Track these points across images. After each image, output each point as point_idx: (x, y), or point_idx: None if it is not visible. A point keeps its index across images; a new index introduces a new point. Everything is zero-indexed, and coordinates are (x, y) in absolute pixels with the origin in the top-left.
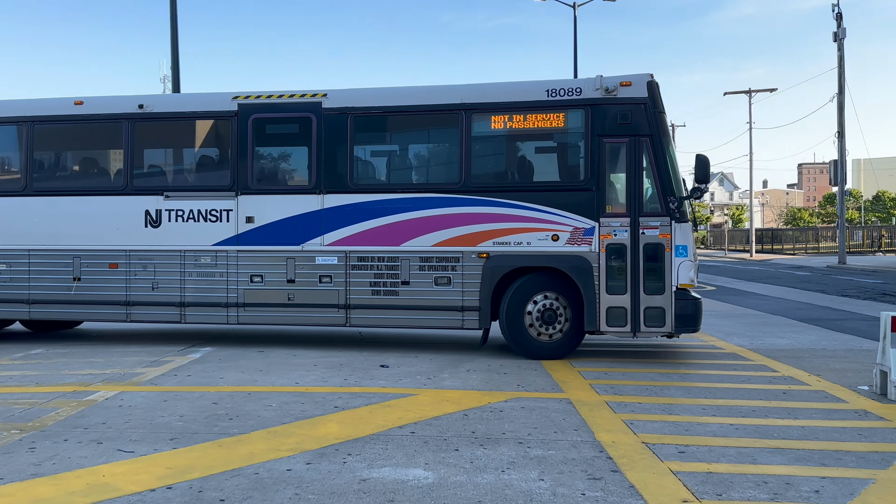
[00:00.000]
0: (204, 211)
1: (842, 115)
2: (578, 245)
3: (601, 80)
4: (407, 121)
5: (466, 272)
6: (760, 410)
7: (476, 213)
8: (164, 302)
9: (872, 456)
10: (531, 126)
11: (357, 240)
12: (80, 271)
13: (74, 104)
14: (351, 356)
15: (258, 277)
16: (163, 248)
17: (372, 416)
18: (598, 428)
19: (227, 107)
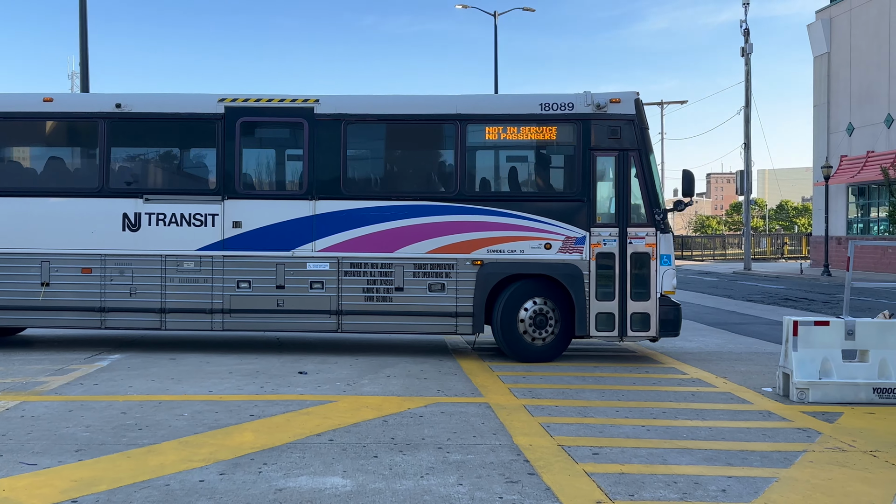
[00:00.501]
0: (188, 215)
1: (748, 127)
2: (570, 253)
3: (591, 96)
4: (402, 129)
5: (461, 279)
6: (670, 412)
7: (470, 222)
8: (142, 308)
9: (775, 455)
10: (525, 138)
11: (350, 246)
12: (48, 276)
13: (43, 101)
14: (268, 363)
15: (245, 283)
16: (142, 253)
17: (289, 424)
18: (515, 431)
19: (213, 109)
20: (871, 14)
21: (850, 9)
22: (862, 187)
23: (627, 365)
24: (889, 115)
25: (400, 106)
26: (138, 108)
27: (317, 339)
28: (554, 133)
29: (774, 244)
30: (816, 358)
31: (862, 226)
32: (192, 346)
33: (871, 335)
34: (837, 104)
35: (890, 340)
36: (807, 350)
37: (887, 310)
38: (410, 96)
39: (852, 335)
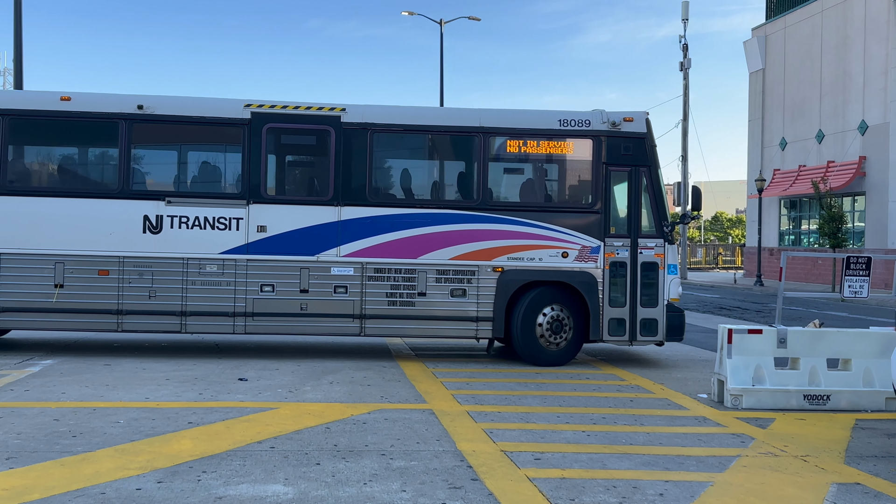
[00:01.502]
0: (211, 218)
1: (686, 140)
2: (586, 262)
3: (606, 114)
4: (427, 139)
5: (482, 285)
6: (610, 418)
7: (491, 230)
8: (162, 311)
9: (711, 460)
10: (544, 151)
11: (374, 252)
12: (62, 278)
13: (60, 99)
14: (207, 369)
15: (269, 287)
16: (163, 255)
17: (229, 431)
18: (459, 437)
19: (239, 114)
20: (804, 32)
21: (784, 27)
22: (794, 200)
23: (568, 371)
24: (820, 131)
25: (425, 117)
26: (161, 110)
27: (257, 345)
28: (571, 148)
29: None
30: (750, 365)
31: (793, 237)
32: (127, 351)
33: (802, 343)
34: (771, 119)
35: (820, 349)
36: (741, 357)
37: (817, 319)
38: (436, 108)
39: (784, 343)
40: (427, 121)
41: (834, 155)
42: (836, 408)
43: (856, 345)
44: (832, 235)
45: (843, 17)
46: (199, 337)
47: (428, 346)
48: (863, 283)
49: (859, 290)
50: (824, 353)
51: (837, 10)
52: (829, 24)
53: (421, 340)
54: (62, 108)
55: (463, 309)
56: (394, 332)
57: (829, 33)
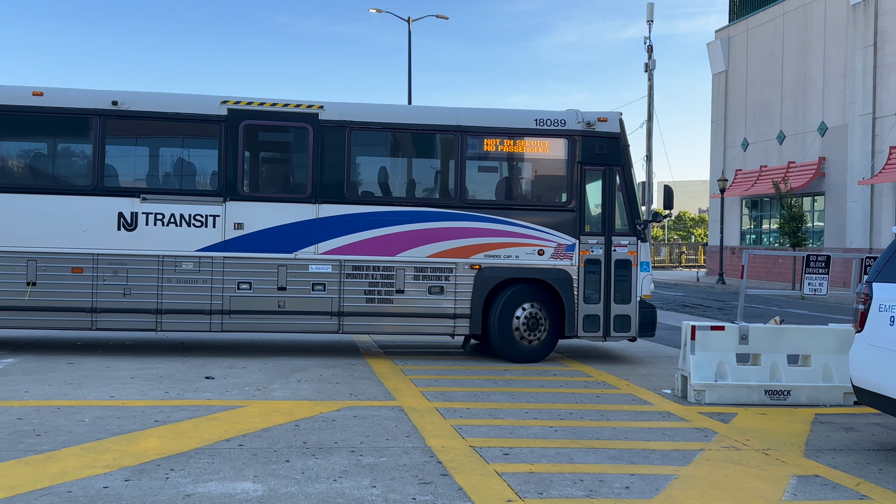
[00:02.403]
0: (187, 215)
1: (650, 140)
2: (561, 259)
3: (582, 114)
4: (405, 138)
5: (459, 282)
6: (577, 413)
7: (469, 228)
8: (137, 309)
9: (675, 454)
10: (521, 150)
11: (352, 249)
12: (35, 275)
13: (32, 94)
14: (172, 367)
15: (246, 284)
16: (138, 253)
17: (196, 429)
18: (428, 434)
19: (216, 111)
20: (766, 35)
21: (746, 29)
22: (755, 200)
23: (536, 368)
24: (781, 132)
25: (403, 115)
26: (136, 106)
27: (224, 343)
28: (547, 147)
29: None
30: (712, 361)
31: (755, 237)
32: (91, 349)
33: (763, 340)
34: (734, 120)
35: (780, 345)
36: (703, 353)
37: (778, 316)
38: (414, 107)
39: (746, 340)
40: (405, 119)
41: (794, 156)
42: (796, 403)
43: (815, 341)
44: (792, 235)
45: (804, 21)
46: (165, 335)
47: (397, 343)
48: (822, 281)
49: (819, 288)
50: (785, 350)
51: (798, 13)
52: (790, 28)
53: (389, 338)
54: (34, 103)
55: (440, 306)
56: (372, 330)
57: (791, 36)
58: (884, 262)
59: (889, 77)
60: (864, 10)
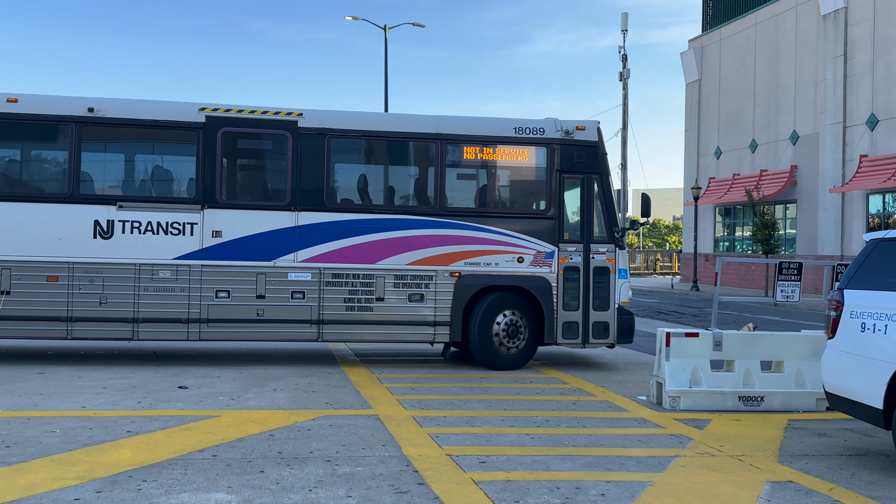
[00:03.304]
0: (164, 223)
1: (625, 148)
2: (541, 267)
3: (560, 122)
4: (385, 145)
5: (439, 290)
6: (553, 420)
7: (449, 235)
8: (113, 318)
9: (650, 460)
10: (500, 158)
11: (332, 257)
12: (9, 284)
13: (7, 101)
14: (145, 377)
15: (224, 293)
16: (114, 261)
17: (169, 440)
18: (405, 442)
19: (194, 118)
20: (738, 45)
21: (719, 39)
22: (728, 208)
23: (513, 375)
24: (753, 141)
25: (383, 123)
26: (113, 112)
27: (197, 352)
28: (526, 155)
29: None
30: (687, 368)
31: (728, 244)
32: (62, 359)
33: (737, 346)
34: (707, 129)
35: (753, 351)
36: (678, 360)
37: (751, 322)
38: (394, 114)
39: (720, 346)
40: (385, 127)
41: (766, 164)
42: (769, 408)
43: (788, 347)
44: (765, 242)
45: (776, 31)
46: (137, 344)
47: (373, 351)
48: (794, 288)
49: (791, 295)
50: (758, 356)
51: (770, 23)
52: (762, 38)
53: (366, 346)
54: (8, 109)
55: (420, 314)
56: (352, 338)
57: (763, 46)
58: (855, 269)
59: (859, 87)
60: (835, 20)
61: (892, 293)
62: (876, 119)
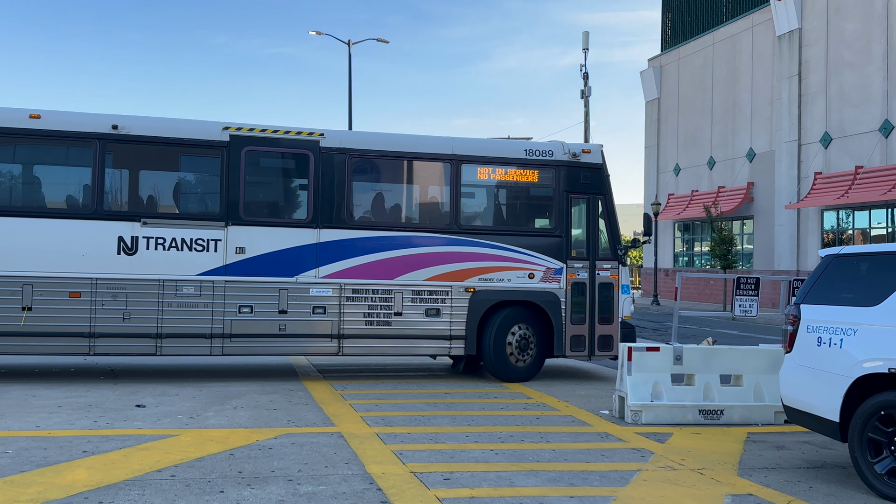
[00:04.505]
0: (189, 240)
1: None
2: (550, 283)
3: (567, 146)
4: (403, 165)
5: (455, 305)
6: (517, 435)
7: (463, 252)
8: (137, 333)
9: (613, 475)
10: (511, 179)
11: (352, 273)
12: (31, 300)
13: (30, 117)
14: (101, 395)
15: (247, 308)
16: (138, 277)
17: (126, 460)
18: (368, 460)
19: (217, 136)
20: (696, 64)
21: (678, 58)
22: (687, 223)
23: (477, 391)
24: (711, 158)
25: (401, 144)
26: (137, 130)
27: (156, 369)
28: (536, 176)
29: None
30: (648, 382)
31: (687, 259)
32: (16, 377)
33: (697, 360)
34: (666, 146)
35: (713, 365)
36: (640, 374)
37: (711, 337)
38: (412, 135)
39: (680, 360)
40: (403, 147)
41: (724, 181)
42: (729, 422)
43: (746, 361)
44: (723, 257)
45: (733, 50)
46: (94, 361)
47: (337, 367)
48: (752, 303)
49: (749, 309)
50: (717, 370)
51: (727, 43)
52: (719, 57)
53: (327, 361)
54: (32, 125)
55: (437, 328)
56: (371, 352)
57: (720, 66)
58: (811, 284)
59: (813, 105)
60: (790, 41)
61: (847, 308)
62: (830, 137)
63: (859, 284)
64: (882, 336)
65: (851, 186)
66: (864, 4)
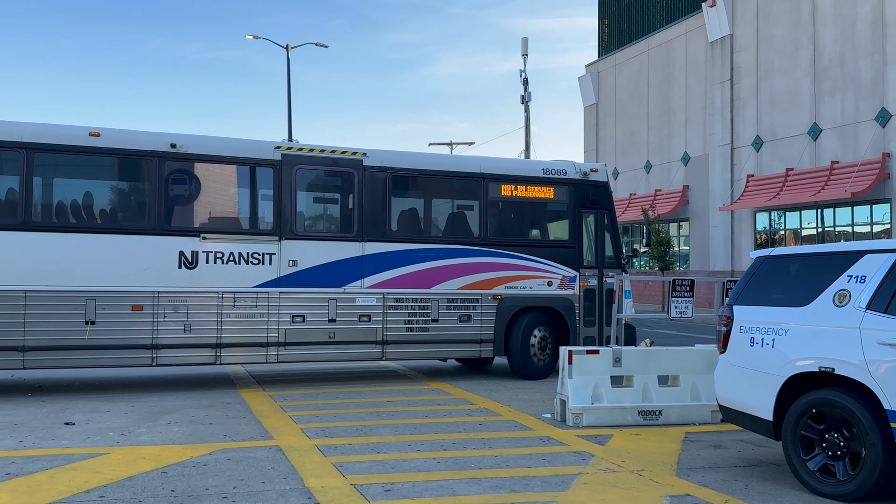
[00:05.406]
0: (246, 254)
1: None
2: (566, 290)
3: (578, 165)
4: (437, 182)
5: (484, 311)
6: (460, 443)
7: (491, 263)
8: (197, 344)
9: (554, 479)
10: (532, 195)
11: (394, 283)
12: (94, 314)
13: (90, 135)
14: (29, 413)
15: (300, 317)
16: (199, 290)
17: (52, 481)
18: (307, 474)
19: (270, 155)
20: (632, 69)
21: (614, 64)
22: (626, 226)
23: (420, 398)
24: (648, 162)
25: (435, 163)
26: (194, 149)
27: (86, 383)
28: (552, 193)
29: None
30: (589, 384)
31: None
32: None
33: (636, 362)
34: (605, 150)
35: (651, 366)
36: (580, 377)
37: (648, 338)
38: (444, 155)
39: (619, 362)
40: (437, 166)
41: (661, 184)
42: (667, 422)
43: (683, 362)
44: (660, 259)
45: (667, 57)
46: (21, 376)
47: (273, 374)
48: (687, 304)
49: (685, 311)
50: (655, 371)
51: (662, 49)
52: (654, 63)
53: (265, 369)
54: (92, 143)
55: (469, 333)
56: (411, 356)
57: (655, 71)
58: (743, 285)
59: (745, 110)
60: (721, 47)
61: (778, 308)
62: (761, 141)
63: (789, 285)
64: (812, 335)
65: (782, 188)
66: (791, 11)
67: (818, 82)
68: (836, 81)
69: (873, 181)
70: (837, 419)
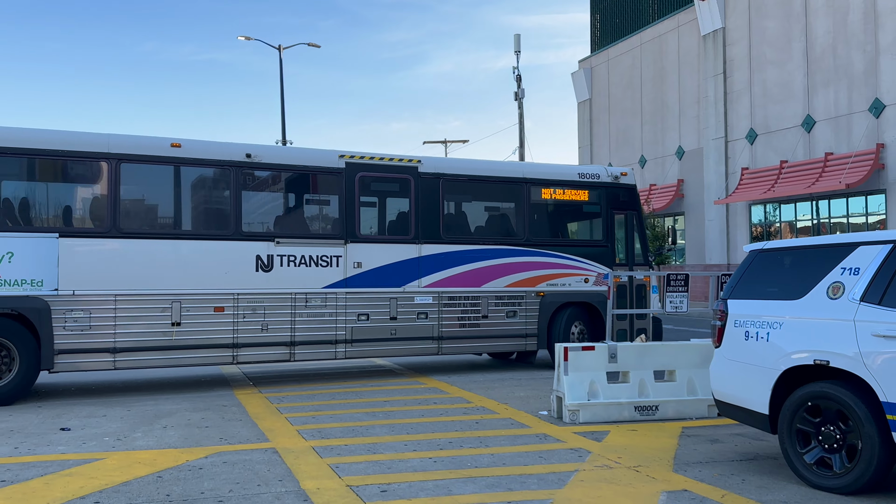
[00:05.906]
0: (315, 257)
1: None
2: (601, 286)
3: (609, 170)
4: (485, 187)
5: (528, 307)
6: (456, 442)
7: (534, 262)
8: (274, 342)
9: (551, 477)
10: (569, 198)
11: (448, 282)
12: (180, 316)
13: (171, 146)
14: (24, 419)
15: (364, 316)
16: (274, 291)
17: (48, 487)
18: (303, 476)
19: (335, 164)
20: (625, 65)
21: (607, 59)
22: None
23: (417, 397)
24: (642, 156)
25: (482, 169)
26: (267, 159)
27: (81, 388)
28: (587, 195)
29: None
30: (585, 381)
31: None
32: None
33: (631, 358)
34: (599, 146)
35: (647, 362)
36: (576, 374)
37: (643, 334)
38: (491, 161)
39: (615, 358)
40: (485, 172)
41: (655, 178)
42: (664, 417)
43: (679, 357)
44: (656, 253)
45: (660, 51)
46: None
47: (268, 373)
48: (682, 299)
49: (680, 305)
50: (651, 366)
51: (654, 44)
52: (647, 58)
53: (259, 369)
54: (174, 154)
55: (515, 328)
56: (464, 350)
57: (648, 66)
58: (737, 279)
59: (738, 103)
60: (714, 40)
61: (772, 301)
62: (755, 133)
63: (783, 278)
64: (807, 328)
65: (777, 181)
66: (783, 3)
67: (811, 74)
68: (829, 73)
69: (867, 172)
70: (833, 412)
